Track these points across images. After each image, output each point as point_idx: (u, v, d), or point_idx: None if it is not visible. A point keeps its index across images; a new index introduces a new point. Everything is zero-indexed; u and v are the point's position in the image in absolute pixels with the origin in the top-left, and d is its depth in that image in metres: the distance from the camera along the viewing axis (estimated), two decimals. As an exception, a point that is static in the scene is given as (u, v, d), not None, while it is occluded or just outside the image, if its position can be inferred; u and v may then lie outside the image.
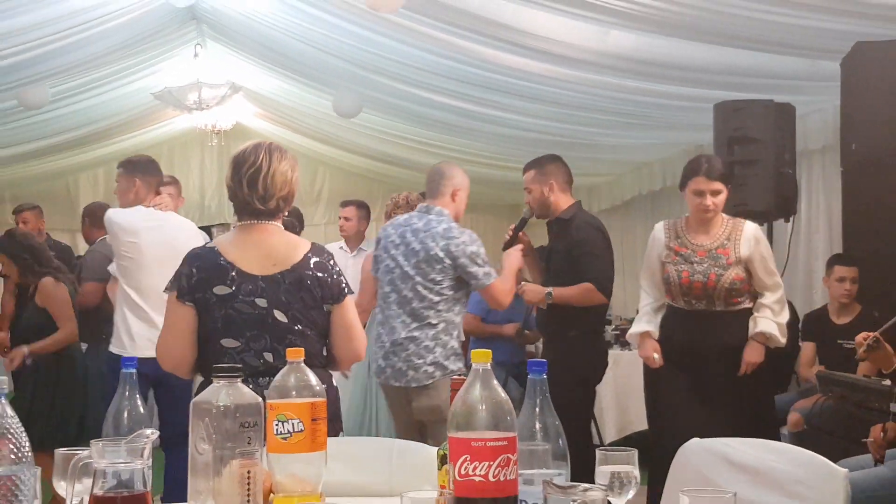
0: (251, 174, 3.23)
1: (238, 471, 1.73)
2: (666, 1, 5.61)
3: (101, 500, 1.77)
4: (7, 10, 7.12)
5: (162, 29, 9.38)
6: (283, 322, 3.17)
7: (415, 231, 4.92)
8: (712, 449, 2.46)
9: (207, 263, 3.21)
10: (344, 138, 11.88)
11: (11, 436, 1.51)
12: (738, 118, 6.28)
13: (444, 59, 7.75)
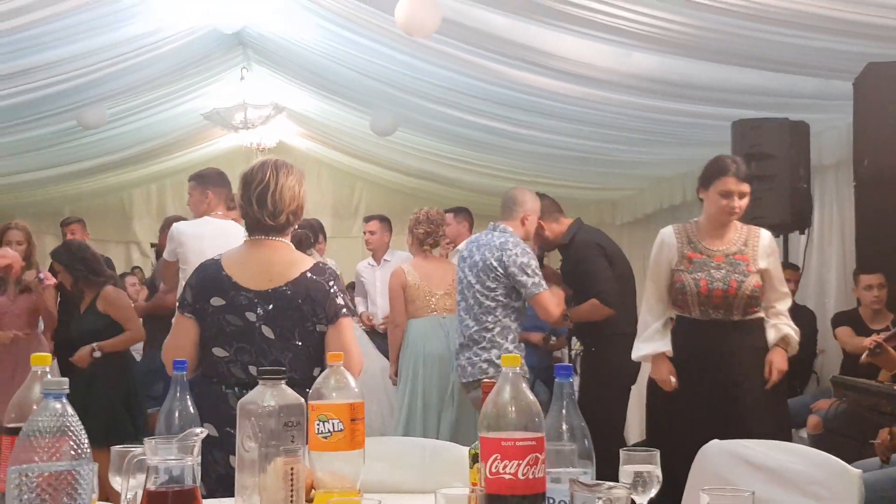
0: (260, 191, 3.18)
1: (282, 467, 1.74)
2: (685, 24, 5.60)
3: (154, 494, 1.78)
4: (67, 36, 7.21)
5: (211, 53, 9.47)
6: (269, 338, 3.09)
7: (479, 245, 5.22)
8: (731, 450, 2.44)
9: (209, 274, 3.19)
10: (380, 155, 11.91)
11: (71, 433, 1.53)
12: (754, 135, 6.26)
13: (474, 80, 7.76)
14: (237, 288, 3.12)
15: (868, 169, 5.41)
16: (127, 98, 9.48)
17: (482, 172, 11.32)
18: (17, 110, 8.63)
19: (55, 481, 1.47)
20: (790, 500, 2.21)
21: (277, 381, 1.81)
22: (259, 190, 3.17)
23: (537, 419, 1.68)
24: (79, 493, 1.48)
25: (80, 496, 1.48)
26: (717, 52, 6.05)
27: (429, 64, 7.68)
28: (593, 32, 6.17)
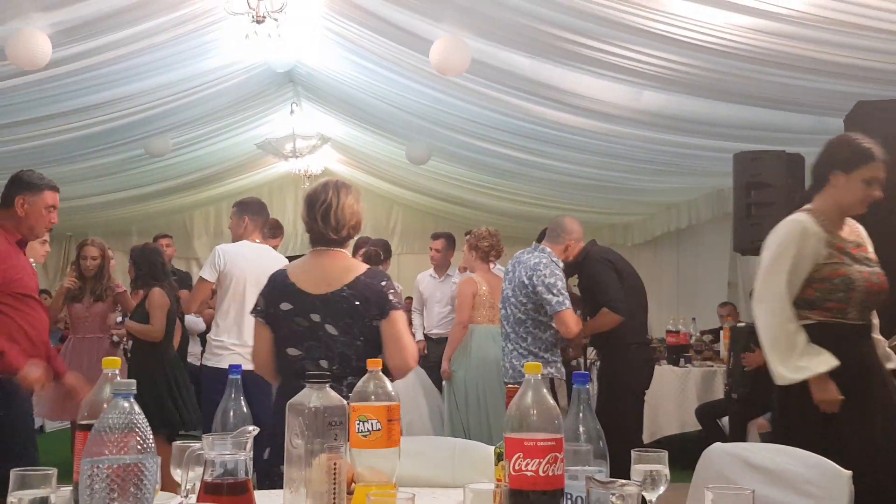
0: (324, 210, 3.22)
1: (326, 463, 1.74)
2: (690, 65, 5.60)
3: (210, 485, 1.78)
4: (138, 73, 7.30)
5: (264, 90, 9.55)
6: (333, 334, 3.13)
7: (519, 262, 5.21)
8: (732, 452, 2.42)
9: (277, 283, 3.24)
10: (415, 182, 11.94)
11: (138, 430, 1.53)
12: (754, 166, 6.22)
13: (499, 114, 7.78)
14: (301, 293, 3.17)
15: (858, 198, 5.37)
16: (189, 129, 9.58)
17: (506, 198, 11.33)
18: (92, 139, 8.74)
19: (123, 473, 1.47)
20: (786, 499, 2.19)
21: (322, 384, 1.81)
22: (323, 208, 3.21)
23: (556, 421, 1.67)
24: (144, 483, 1.48)
25: (146, 487, 1.49)
26: (720, 91, 6.04)
27: (459, 100, 7.70)
28: (608, 73, 6.18)
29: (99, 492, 1.46)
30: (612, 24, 5.19)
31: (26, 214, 4.03)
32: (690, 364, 7.67)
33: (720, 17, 4.79)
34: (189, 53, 7.31)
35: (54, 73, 6.58)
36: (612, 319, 5.29)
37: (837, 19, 4.49)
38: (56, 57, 6.08)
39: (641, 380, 5.54)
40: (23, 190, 4.05)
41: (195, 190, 12.64)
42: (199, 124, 9.59)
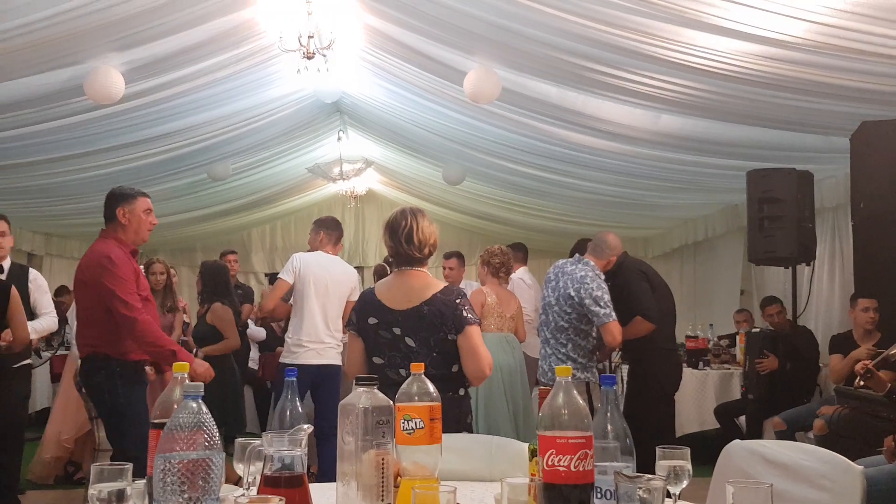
0: (406, 233, 3.33)
1: (374, 458, 1.74)
2: (705, 90, 5.56)
3: (270, 478, 1.79)
4: (200, 106, 7.40)
5: (314, 119, 9.61)
6: (411, 346, 3.22)
7: (563, 273, 5.16)
8: (750, 448, 2.38)
9: (366, 300, 3.36)
10: (450, 201, 11.96)
11: (205, 428, 1.54)
12: (766, 183, 6.18)
13: (528, 138, 7.77)
14: (385, 309, 3.28)
15: (863, 211, 5.32)
16: (247, 155, 9.67)
17: (534, 214, 11.30)
18: (160, 165, 8.86)
19: (193, 467, 1.48)
20: (802, 492, 2.15)
21: (371, 386, 1.82)
22: (405, 232, 3.33)
23: (586, 420, 1.66)
24: (211, 477, 1.50)
25: (213, 479, 1.50)
26: (732, 114, 6.00)
27: (491, 125, 7.71)
28: (628, 98, 6.16)
29: (171, 484, 1.48)
30: (631, 53, 5.17)
31: (129, 222, 4.26)
32: (709, 367, 7.60)
33: (731, 45, 4.76)
34: (247, 87, 7.39)
35: (127, 107, 6.69)
36: (645, 327, 5.26)
37: (840, 45, 4.44)
38: (129, 92, 6.18)
39: (672, 381, 5.50)
40: (120, 201, 4.26)
41: (252, 210, 12.75)
42: (256, 151, 9.68)
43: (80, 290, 4.29)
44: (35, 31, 5.06)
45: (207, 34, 6.03)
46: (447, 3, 5.24)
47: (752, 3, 4.17)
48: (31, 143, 7.19)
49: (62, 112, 6.60)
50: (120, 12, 5.17)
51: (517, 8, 4.94)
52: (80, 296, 4.29)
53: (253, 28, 6.19)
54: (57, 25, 5.07)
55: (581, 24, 4.88)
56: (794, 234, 6.08)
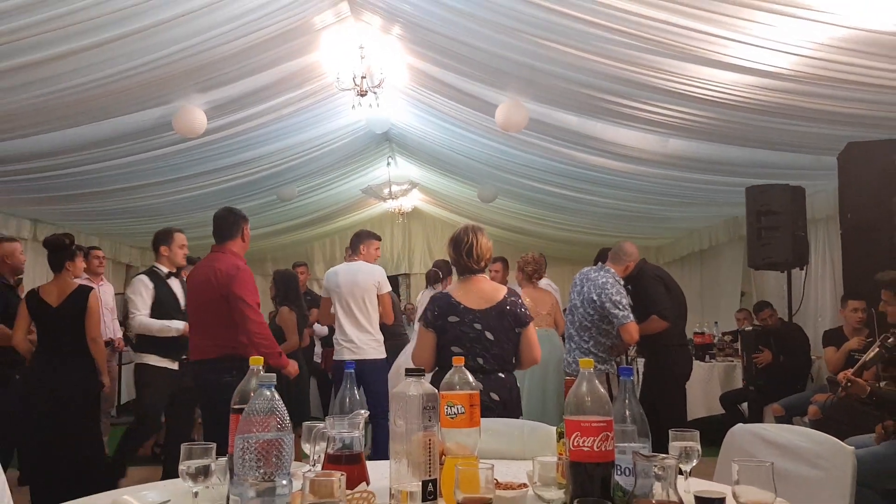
0: (467, 248, 3.42)
1: (422, 439, 1.74)
2: (708, 117, 5.51)
3: (332, 457, 1.80)
4: (270, 138, 7.49)
5: (366, 147, 9.69)
6: (490, 339, 3.29)
7: (588, 279, 5.09)
8: (753, 431, 2.35)
9: (443, 303, 3.38)
10: (485, 216, 11.95)
11: (278, 413, 1.55)
12: (763, 198, 6.10)
13: (552, 161, 7.76)
14: (466, 309, 3.34)
15: (850, 221, 5.23)
16: (310, 179, 9.76)
17: (558, 227, 11.25)
18: (237, 189, 8.97)
19: (267, 446, 1.49)
20: (799, 470, 2.12)
21: (420, 376, 1.83)
22: (467, 247, 3.43)
23: (607, 406, 1.65)
24: (283, 455, 1.51)
25: (284, 457, 1.51)
26: (733, 137, 5.93)
27: (519, 151, 7.71)
28: (640, 125, 6.12)
29: (249, 461, 1.49)
30: (642, 86, 5.15)
31: (245, 239, 4.42)
32: (714, 360, 7.52)
33: (730, 77, 4.72)
34: (310, 121, 7.48)
35: (208, 140, 6.79)
36: (660, 325, 5.20)
37: (825, 75, 4.37)
38: (210, 127, 6.27)
39: (684, 373, 5.45)
40: (244, 221, 4.40)
41: (314, 226, 12.87)
42: (318, 175, 9.77)
43: (211, 297, 4.20)
44: (130, 77, 5.16)
45: (276, 77, 6.12)
46: (480, 45, 5.26)
47: (747, 39, 4.12)
48: (128, 171, 7.33)
49: (153, 145, 6.71)
50: (202, 59, 5.27)
51: (541, 49, 4.95)
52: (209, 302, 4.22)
53: (315, 70, 6.26)
54: (149, 71, 5.17)
55: (598, 61, 4.87)
56: (789, 242, 5.99)
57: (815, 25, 3.82)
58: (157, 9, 4.39)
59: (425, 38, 5.69)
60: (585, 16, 4.27)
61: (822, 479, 2.07)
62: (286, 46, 5.64)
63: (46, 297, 4.74)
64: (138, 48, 4.78)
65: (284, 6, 5.08)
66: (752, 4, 3.73)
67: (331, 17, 5.67)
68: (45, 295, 4.75)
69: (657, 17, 4.06)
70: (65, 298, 4.73)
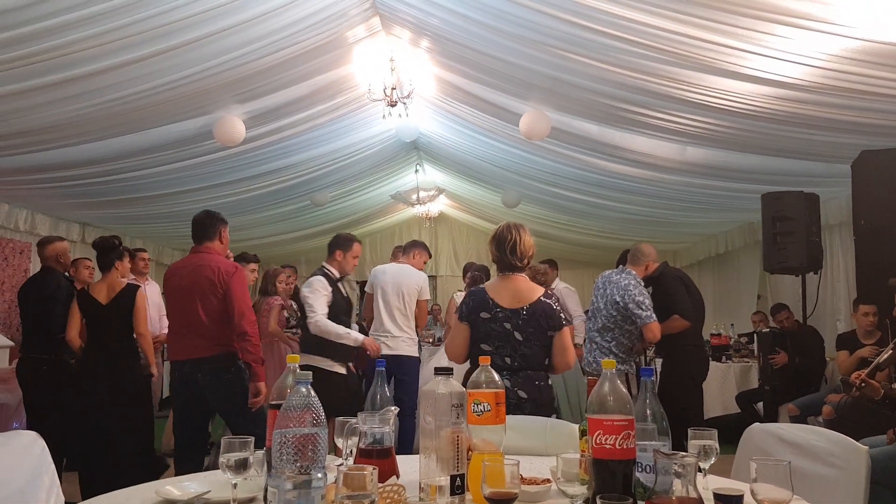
0: (511, 246, 3.28)
1: (450, 435, 1.74)
2: (725, 126, 5.46)
3: (364, 451, 1.81)
4: (305, 146, 7.54)
5: (395, 155, 9.71)
6: (519, 339, 3.17)
7: (610, 282, 5.04)
8: (769, 430, 2.32)
9: (478, 298, 3.28)
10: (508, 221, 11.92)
11: (313, 408, 1.55)
12: (778, 204, 6.03)
13: (573, 168, 7.72)
14: (497, 306, 3.22)
15: (864, 227, 5.16)
16: (342, 185, 9.80)
17: (580, 232, 11.20)
18: (274, 194, 9.05)
19: (304, 440, 1.50)
20: (814, 469, 2.09)
21: (448, 375, 1.83)
22: (510, 245, 3.29)
23: (628, 405, 1.64)
24: (318, 449, 1.51)
25: (320, 451, 1.52)
26: (749, 146, 5.87)
27: (542, 158, 7.68)
28: (659, 133, 6.08)
29: (286, 454, 1.50)
30: (661, 96, 5.11)
31: (224, 242, 4.28)
32: (731, 360, 7.44)
33: (746, 87, 4.67)
34: (342, 130, 7.51)
35: (247, 148, 6.84)
36: (681, 324, 5.15)
37: (837, 86, 4.32)
38: (249, 136, 6.33)
39: (700, 373, 5.39)
40: (221, 224, 4.30)
41: (346, 229, 12.81)
42: (350, 181, 9.81)
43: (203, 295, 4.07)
44: (174, 89, 5.22)
45: (311, 88, 6.15)
46: (505, 57, 5.26)
47: (763, 51, 4.08)
48: (171, 178, 7.41)
49: (195, 153, 6.78)
50: (242, 72, 5.32)
51: (564, 60, 4.93)
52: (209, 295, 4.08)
53: (348, 82, 6.30)
54: (191, 84, 5.23)
55: (619, 72, 4.85)
56: (804, 247, 5.91)
57: (829, 38, 3.77)
58: (198, 25, 4.44)
59: (452, 51, 5.70)
60: (607, 29, 4.25)
61: (837, 477, 2.04)
62: (321, 59, 5.67)
63: (96, 295, 4.81)
64: (181, 62, 4.84)
65: (319, 21, 5.11)
66: (768, 18, 3.69)
67: (363, 31, 5.70)
68: (95, 293, 4.82)
69: (676, 30, 4.04)
70: (114, 296, 4.79)
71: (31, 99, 4.79)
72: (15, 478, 1.99)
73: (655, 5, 3.84)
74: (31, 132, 5.44)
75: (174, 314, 4.30)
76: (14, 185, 6.90)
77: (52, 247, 5.46)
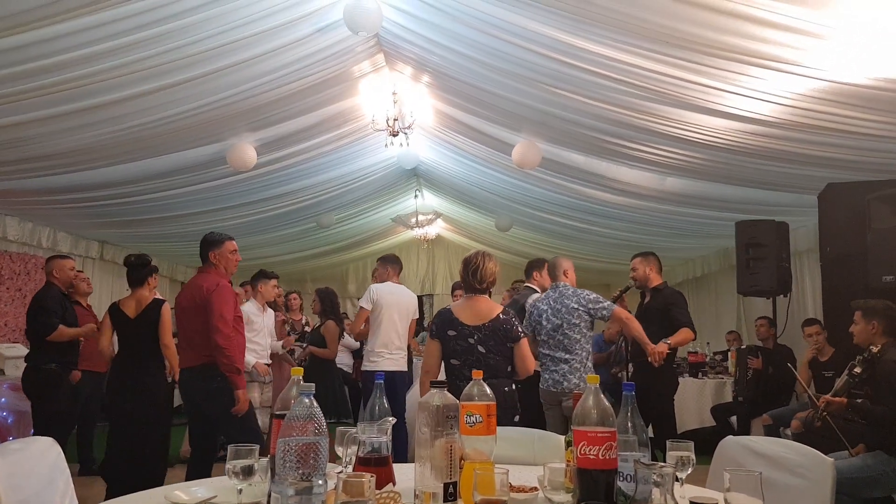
0: (474, 269, 3.47)
1: (444, 445, 1.73)
2: (702, 159, 5.49)
3: (363, 459, 1.79)
4: (312, 172, 7.55)
5: (396, 181, 9.74)
6: (483, 352, 3.32)
7: (555, 299, 4.63)
8: (742, 443, 2.31)
9: (445, 318, 3.43)
10: (501, 244, 11.95)
11: (315, 419, 1.53)
12: (751, 231, 6.05)
13: (562, 196, 7.75)
14: (462, 324, 3.38)
15: (829, 254, 5.17)
16: (346, 209, 9.81)
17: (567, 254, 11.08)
18: (282, 217, 9.05)
19: (306, 449, 1.48)
20: (784, 479, 2.08)
21: (443, 388, 1.81)
22: (473, 268, 3.49)
23: (611, 418, 1.63)
24: (320, 457, 1.50)
25: (321, 459, 1.50)
26: (724, 177, 5.90)
27: (533, 186, 7.71)
28: (641, 164, 6.11)
29: (289, 462, 1.48)
30: (643, 130, 5.15)
31: (218, 262, 4.13)
32: (706, 376, 7.42)
33: (721, 123, 4.71)
34: (347, 157, 7.54)
35: (258, 173, 6.86)
36: (690, 336, 4.91)
37: (808, 123, 4.36)
38: (260, 161, 6.35)
39: (672, 387, 5.24)
40: (211, 246, 4.14)
41: (349, 250, 12.91)
42: (353, 205, 9.82)
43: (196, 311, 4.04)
44: (191, 117, 5.24)
45: (319, 118, 6.19)
46: (499, 92, 5.29)
47: (736, 89, 4.12)
48: (185, 200, 7.42)
49: (209, 177, 6.80)
50: (254, 102, 5.35)
51: (554, 96, 4.97)
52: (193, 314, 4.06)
53: (353, 113, 6.33)
54: (206, 112, 5.25)
55: (604, 108, 4.88)
56: (774, 272, 5.93)
57: (799, 78, 3.81)
58: (214, 58, 4.47)
59: (451, 86, 5.74)
60: (594, 68, 4.29)
61: (805, 487, 2.03)
62: (328, 92, 5.71)
63: (126, 309, 4.83)
64: (197, 92, 4.87)
65: (328, 57, 5.15)
66: (743, 59, 3.73)
67: (368, 66, 5.74)
68: (125, 307, 4.84)
69: (658, 69, 4.08)
70: (142, 310, 4.80)
71: (57, 125, 4.81)
72: (31, 482, 1.97)
73: (638, 47, 3.88)
74: (56, 156, 5.45)
75: (178, 329, 4.37)
76: (38, 205, 6.90)
77: (49, 264, 5.61)
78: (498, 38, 4.37)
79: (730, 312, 9.34)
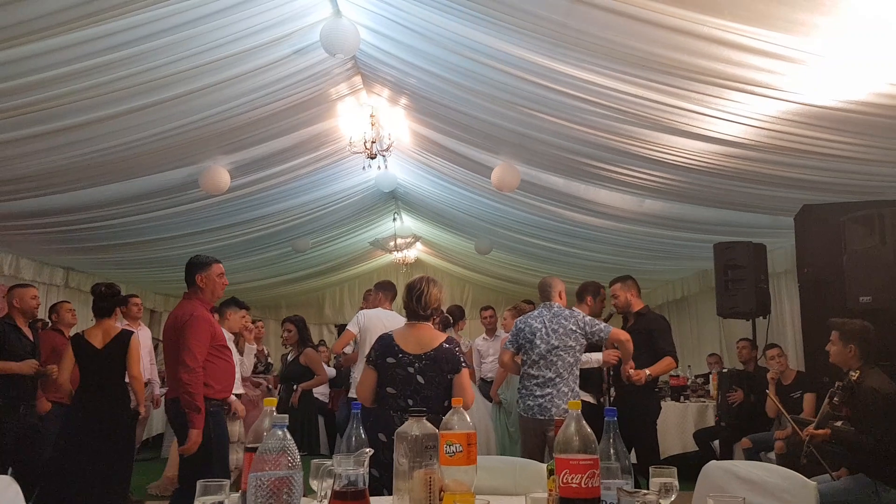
0: (417, 295, 3.35)
1: (423, 476, 1.70)
2: (680, 181, 5.55)
3: (338, 493, 1.74)
4: (288, 195, 7.51)
5: (374, 204, 9.72)
6: (421, 382, 3.19)
7: (549, 319, 4.52)
8: (725, 468, 2.30)
9: (384, 344, 3.29)
10: (481, 266, 11.95)
11: (289, 451, 1.51)
12: (729, 253, 6.10)
13: (541, 218, 7.78)
14: (402, 352, 3.24)
15: (807, 275, 5.22)
16: (323, 232, 9.75)
17: (546, 277, 11.22)
18: (256, 241, 8.97)
19: (279, 483, 1.46)
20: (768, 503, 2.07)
21: (421, 418, 1.79)
22: (417, 294, 3.36)
23: (593, 445, 1.62)
24: (293, 491, 1.47)
25: (294, 494, 1.47)
26: (701, 199, 5.96)
27: (512, 208, 7.74)
28: (619, 187, 6.16)
29: (261, 497, 1.45)
30: (621, 153, 5.19)
31: (205, 285, 4.00)
32: (688, 400, 7.42)
33: (697, 145, 4.76)
34: (324, 180, 7.51)
35: (232, 196, 6.80)
36: (672, 365, 4.93)
37: (782, 145, 4.42)
38: (234, 185, 6.30)
39: (655, 411, 5.19)
40: (198, 269, 4.02)
41: (326, 275, 12.81)
42: (330, 229, 9.77)
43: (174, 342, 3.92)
44: (162, 139, 5.19)
45: (295, 141, 6.16)
46: (477, 115, 5.32)
47: (713, 112, 4.17)
48: (157, 224, 7.33)
49: (181, 200, 6.73)
50: (228, 125, 5.32)
51: (532, 119, 5.00)
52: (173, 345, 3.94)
53: (330, 135, 6.32)
54: (179, 135, 5.21)
55: (583, 130, 4.92)
56: (753, 293, 5.98)
57: (773, 101, 3.87)
58: (188, 79, 4.44)
59: (429, 108, 5.76)
60: (571, 91, 4.32)
61: (790, 513, 2.02)
62: (305, 114, 5.70)
63: (92, 339, 4.71)
64: (170, 114, 4.83)
65: (305, 79, 5.14)
66: (719, 83, 3.78)
67: (345, 88, 5.75)
68: (91, 338, 4.72)
69: (635, 92, 4.12)
70: (109, 341, 4.69)
71: (24, 147, 4.74)
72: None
73: (616, 70, 3.93)
74: (23, 179, 5.36)
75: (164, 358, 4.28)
76: (1, 231, 6.76)
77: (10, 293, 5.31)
78: (476, 62, 4.40)
79: (711, 334, 9.40)
